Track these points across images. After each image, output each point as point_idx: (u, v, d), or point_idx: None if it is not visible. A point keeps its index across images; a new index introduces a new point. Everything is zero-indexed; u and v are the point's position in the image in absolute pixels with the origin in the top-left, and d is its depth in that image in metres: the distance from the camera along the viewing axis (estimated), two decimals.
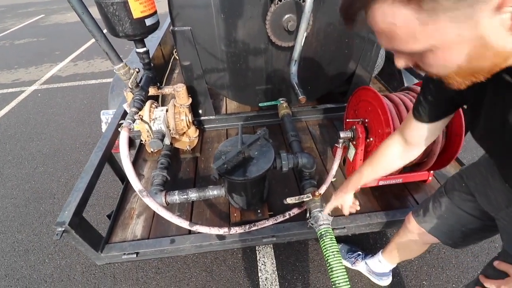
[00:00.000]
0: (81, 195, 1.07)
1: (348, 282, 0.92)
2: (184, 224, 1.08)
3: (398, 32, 0.37)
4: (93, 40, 5.25)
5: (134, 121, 1.03)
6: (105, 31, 1.11)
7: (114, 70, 1.08)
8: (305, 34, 1.02)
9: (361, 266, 1.42)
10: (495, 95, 0.49)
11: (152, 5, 1.11)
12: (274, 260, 1.52)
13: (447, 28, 0.34)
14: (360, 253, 1.46)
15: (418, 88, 1.23)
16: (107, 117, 1.76)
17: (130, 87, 1.13)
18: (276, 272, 1.47)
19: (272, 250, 1.58)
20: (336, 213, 1.27)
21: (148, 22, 1.10)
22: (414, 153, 0.79)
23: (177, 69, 2.44)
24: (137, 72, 1.12)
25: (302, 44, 1.03)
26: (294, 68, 1.05)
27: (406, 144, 0.78)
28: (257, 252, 1.57)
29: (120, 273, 1.53)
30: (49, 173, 2.21)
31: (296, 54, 1.04)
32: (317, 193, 1.14)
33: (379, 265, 1.33)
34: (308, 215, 1.17)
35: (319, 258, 1.53)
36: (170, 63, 2.51)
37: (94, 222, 1.78)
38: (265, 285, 1.42)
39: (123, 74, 1.08)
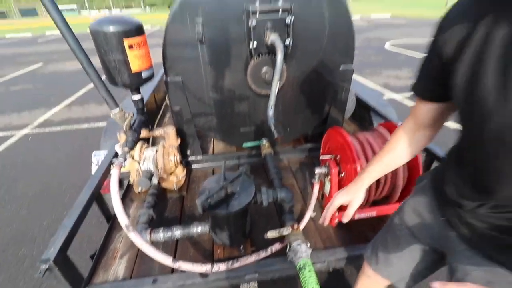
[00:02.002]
0: (68, 232, 1.10)
1: None
2: (167, 260, 1.11)
3: None
4: (88, 86, 5.54)
5: (125, 159, 1.12)
6: (103, 77, 1.26)
7: (111, 114, 1.21)
8: (278, 84, 1.20)
9: None
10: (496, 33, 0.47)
11: (148, 60, 1.29)
12: None
13: None
14: None
15: (382, 128, 1.40)
16: (98, 158, 1.83)
17: (125, 129, 1.24)
18: None
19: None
20: (316, 246, 1.33)
21: (144, 74, 1.27)
22: (424, 137, 0.77)
23: (168, 113, 2.61)
24: (132, 117, 1.25)
25: (276, 92, 1.21)
26: (271, 112, 1.21)
27: (417, 127, 0.77)
28: None
29: None
30: (32, 216, 2.17)
31: (271, 100, 1.20)
32: (295, 226, 1.21)
33: None
34: (288, 248, 1.21)
35: None
36: (162, 108, 2.69)
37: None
38: None
39: (119, 118, 1.20)
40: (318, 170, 1.37)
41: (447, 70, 0.58)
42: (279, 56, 1.18)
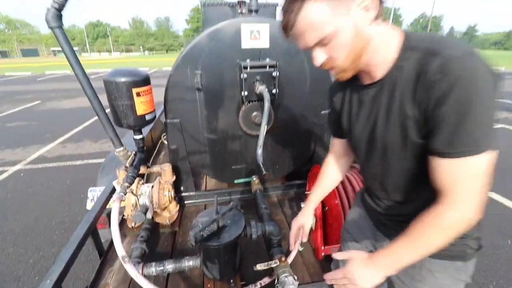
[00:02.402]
0: (64, 265, 1.14)
1: None
2: None
3: (320, 22, 0.60)
4: (84, 124, 5.69)
5: (125, 194, 1.22)
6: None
7: (115, 152, 1.33)
8: (266, 127, 1.36)
9: None
10: (357, 106, 0.78)
11: (152, 105, 1.47)
12: None
13: (340, 18, 0.60)
14: None
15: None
16: (93, 194, 1.90)
17: (128, 165, 1.36)
18: None
19: None
20: (304, 280, 1.38)
21: (148, 117, 1.43)
22: (345, 164, 1.05)
23: (164, 151, 2.73)
24: (134, 155, 1.37)
25: (264, 134, 1.37)
26: (259, 151, 1.35)
27: (337, 157, 1.05)
28: None
29: None
30: (18, 254, 2.13)
31: (260, 141, 1.36)
32: (283, 259, 1.28)
33: None
34: (276, 281, 1.27)
35: None
36: (158, 146, 2.82)
37: None
38: None
39: (122, 155, 1.32)
40: (303, 205, 1.48)
41: (339, 118, 0.89)
42: (266, 104, 1.37)
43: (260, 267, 1.26)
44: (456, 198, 0.60)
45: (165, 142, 2.47)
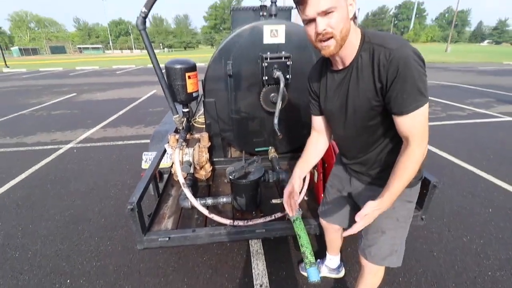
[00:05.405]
0: (142, 190, 1.66)
1: (310, 244, 1.42)
2: (205, 211, 1.67)
3: None
4: (119, 113, 6.38)
5: (182, 144, 1.74)
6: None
7: (173, 118, 1.87)
8: (281, 104, 1.85)
9: (323, 270, 1.87)
10: (331, 82, 1.08)
11: (197, 85, 2.00)
12: (265, 262, 1.99)
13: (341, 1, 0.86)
14: (319, 260, 1.92)
15: None
16: (146, 156, 2.46)
17: (181, 128, 1.90)
18: (266, 269, 1.92)
19: (263, 256, 2.05)
20: (307, 216, 1.86)
21: (194, 94, 1.95)
22: (324, 139, 1.32)
23: (194, 131, 3.27)
24: (186, 120, 1.91)
25: (279, 108, 1.86)
26: (276, 120, 1.85)
27: (318, 134, 1.32)
28: (251, 255, 2.04)
29: (144, 270, 1.96)
30: (85, 205, 2.75)
31: (276, 112, 1.85)
32: None
33: (332, 261, 1.83)
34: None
35: (299, 258, 2.00)
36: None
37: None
38: (258, 278, 1.86)
39: (177, 121, 1.86)
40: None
41: (317, 98, 1.21)
42: (282, 85, 1.86)
43: (275, 201, 1.75)
44: (417, 139, 0.91)
45: (195, 124, 3.00)
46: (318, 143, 1.34)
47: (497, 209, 2.60)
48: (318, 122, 1.30)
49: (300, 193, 1.60)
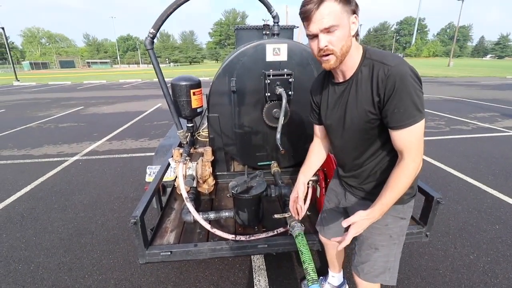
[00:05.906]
0: (145, 204, 1.69)
1: (312, 260, 1.40)
2: (207, 225, 1.68)
3: (333, 14, 0.87)
4: (124, 126, 6.49)
5: (186, 159, 1.78)
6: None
7: (177, 133, 1.91)
8: (283, 119, 1.89)
9: (326, 287, 1.85)
10: (330, 97, 1.13)
11: (201, 101, 2.05)
12: (267, 278, 1.96)
13: (344, 19, 0.90)
14: (322, 277, 1.90)
15: None
16: (150, 170, 2.49)
17: (185, 143, 1.94)
18: (268, 286, 1.89)
19: (265, 272, 2.02)
20: (309, 231, 1.85)
21: (199, 110, 2.01)
22: (326, 144, 1.38)
23: (197, 144, 3.32)
24: (188, 135, 1.95)
25: (281, 123, 1.90)
26: (278, 136, 1.88)
27: (320, 140, 1.37)
28: (253, 271, 2.02)
29: (145, 284, 1.94)
30: (88, 217, 2.77)
31: (278, 128, 1.88)
32: None
33: (334, 279, 1.80)
34: (288, 226, 1.76)
35: (302, 274, 1.97)
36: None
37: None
38: None
39: (182, 135, 1.90)
40: (312, 178, 1.97)
41: (318, 108, 1.24)
42: (284, 101, 1.90)
43: (277, 216, 1.75)
44: (412, 153, 0.93)
45: (199, 138, 3.05)
46: (320, 148, 1.40)
47: (505, 226, 2.55)
48: (319, 129, 1.36)
49: (304, 203, 1.63)
